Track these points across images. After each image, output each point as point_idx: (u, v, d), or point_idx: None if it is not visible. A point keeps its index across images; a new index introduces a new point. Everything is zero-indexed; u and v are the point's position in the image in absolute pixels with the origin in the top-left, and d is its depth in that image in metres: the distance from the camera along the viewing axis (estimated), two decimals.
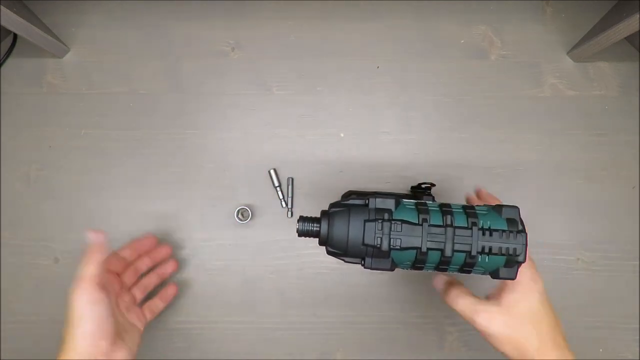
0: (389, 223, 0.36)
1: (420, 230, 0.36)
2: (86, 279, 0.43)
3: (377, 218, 0.36)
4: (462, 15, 0.68)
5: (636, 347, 0.60)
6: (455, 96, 0.66)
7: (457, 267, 0.37)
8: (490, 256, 0.36)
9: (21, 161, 0.64)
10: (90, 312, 0.42)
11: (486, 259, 0.36)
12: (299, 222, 0.39)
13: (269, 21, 0.67)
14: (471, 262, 0.36)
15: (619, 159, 0.64)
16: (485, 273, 0.38)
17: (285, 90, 0.66)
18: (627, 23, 0.55)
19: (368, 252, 0.36)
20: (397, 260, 0.37)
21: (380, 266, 0.37)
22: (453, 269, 0.37)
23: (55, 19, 0.66)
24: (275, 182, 0.62)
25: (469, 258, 0.36)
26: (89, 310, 0.42)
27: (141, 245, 0.57)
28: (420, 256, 0.36)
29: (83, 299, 0.42)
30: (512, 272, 0.37)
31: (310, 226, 0.38)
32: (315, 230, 0.38)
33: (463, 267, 0.37)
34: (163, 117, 0.65)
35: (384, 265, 0.37)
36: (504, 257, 0.36)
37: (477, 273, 0.38)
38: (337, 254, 0.38)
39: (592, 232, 0.63)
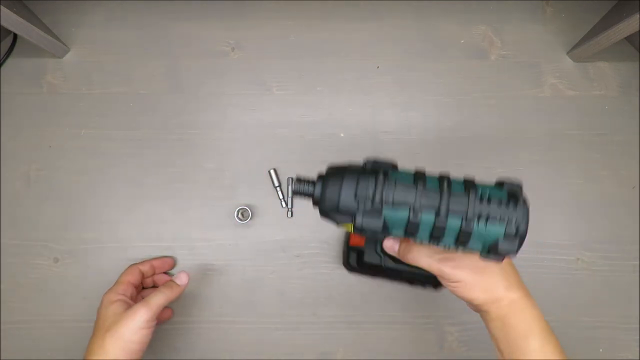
0: (384, 178, 0.35)
1: (415, 190, 0.34)
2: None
3: (372, 173, 0.35)
4: (462, 15, 0.68)
5: (636, 347, 0.60)
6: (455, 96, 0.66)
7: (453, 237, 0.35)
8: (488, 225, 0.34)
9: (21, 161, 0.64)
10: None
11: (484, 228, 0.34)
12: (295, 182, 0.38)
13: (269, 21, 0.67)
14: (467, 231, 0.34)
15: (619, 159, 0.64)
16: (484, 249, 0.35)
17: (285, 90, 0.66)
18: (627, 23, 0.55)
19: (359, 207, 0.34)
20: (390, 222, 0.35)
21: (372, 226, 0.34)
22: (448, 240, 0.35)
23: (55, 19, 0.66)
24: (275, 182, 0.62)
25: (464, 224, 0.34)
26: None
27: (160, 265, 0.59)
28: (414, 218, 0.34)
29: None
30: (512, 244, 0.34)
31: (305, 187, 0.37)
32: (309, 190, 0.37)
33: (459, 237, 0.34)
34: (163, 117, 0.65)
35: (375, 224, 0.34)
36: (503, 226, 0.34)
37: (474, 248, 0.35)
38: (328, 213, 0.36)
39: (592, 232, 0.63)
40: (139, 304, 0.48)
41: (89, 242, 0.62)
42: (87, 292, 0.61)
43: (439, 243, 0.35)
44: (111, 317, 0.48)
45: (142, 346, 0.47)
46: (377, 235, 0.36)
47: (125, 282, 0.53)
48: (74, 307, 0.60)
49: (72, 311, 0.60)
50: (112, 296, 0.51)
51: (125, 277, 0.54)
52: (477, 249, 0.35)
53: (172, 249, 0.62)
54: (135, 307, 0.47)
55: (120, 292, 0.51)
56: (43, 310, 0.60)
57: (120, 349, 0.46)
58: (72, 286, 0.61)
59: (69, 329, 0.59)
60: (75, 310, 0.60)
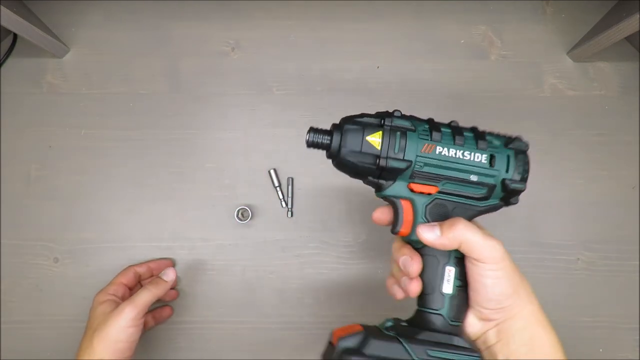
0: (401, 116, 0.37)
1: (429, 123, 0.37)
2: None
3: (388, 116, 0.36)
4: (462, 15, 0.68)
5: (636, 347, 0.60)
6: (455, 96, 0.66)
7: (470, 135, 0.36)
8: (498, 137, 0.37)
9: (21, 161, 0.64)
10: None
11: (494, 139, 0.37)
12: (308, 132, 0.37)
13: (269, 21, 0.67)
14: (480, 132, 0.37)
15: (619, 159, 0.64)
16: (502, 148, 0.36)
17: (285, 90, 0.66)
18: (627, 23, 0.55)
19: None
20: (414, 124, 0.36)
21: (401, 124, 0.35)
22: (468, 137, 0.36)
23: (55, 19, 0.66)
24: (275, 182, 0.62)
25: (475, 130, 0.37)
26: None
27: (157, 267, 0.59)
28: (432, 122, 0.37)
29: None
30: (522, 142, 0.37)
31: (321, 137, 0.37)
32: (326, 142, 0.37)
33: (476, 135, 0.36)
34: (163, 117, 0.65)
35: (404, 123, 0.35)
36: (504, 136, 0.37)
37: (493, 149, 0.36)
38: (351, 156, 0.36)
39: (592, 232, 0.63)
40: (125, 302, 0.48)
41: (89, 242, 0.62)
42: (87, 292, 0.60)
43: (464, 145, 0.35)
44: (99, 317, 0.49)
45: (131, 344, 0.48)
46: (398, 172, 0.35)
47: (117, 282, 0.54)
48: (74, 307, 0.60)
49: (72, 311, 0.60)
50: (102, 297, 0.51)
51: (118, 278, 0.54)
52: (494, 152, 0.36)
53: (172, 249, 0.62)
54: (120, 306, 0.48)
55: (110, 292, 0.52)
56: (43, 310, 0.60)
57: (108, 349, 0.46)
58: (72, 286, 0.61)
59: (69, 329, 0.59)
60: (75, 310, 0.60)
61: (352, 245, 0.62)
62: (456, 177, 0.35)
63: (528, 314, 0.35)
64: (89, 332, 0.48)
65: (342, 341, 0.34)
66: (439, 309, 0.35)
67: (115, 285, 0.53)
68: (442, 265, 0.36)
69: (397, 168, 0.35)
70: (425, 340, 0.34)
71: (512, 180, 0.36)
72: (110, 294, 0.52)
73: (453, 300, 0.35)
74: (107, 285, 0.53)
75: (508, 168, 0.36)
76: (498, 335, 0.35)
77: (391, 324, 0.37)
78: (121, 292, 0.53)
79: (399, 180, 0.36)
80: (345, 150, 0.36)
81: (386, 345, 0.33)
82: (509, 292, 0.34)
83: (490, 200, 0.37)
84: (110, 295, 0.52)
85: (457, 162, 0.35)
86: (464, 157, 0.35)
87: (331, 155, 0.37)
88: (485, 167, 0.35)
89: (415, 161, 0.35)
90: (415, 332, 0.35)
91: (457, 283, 0.35)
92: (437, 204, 0.36)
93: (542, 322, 0.35)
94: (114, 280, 0.54)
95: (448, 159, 0.35)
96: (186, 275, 0.62)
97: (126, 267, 0.57)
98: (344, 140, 0.36)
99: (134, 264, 0.58)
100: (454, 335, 0.35)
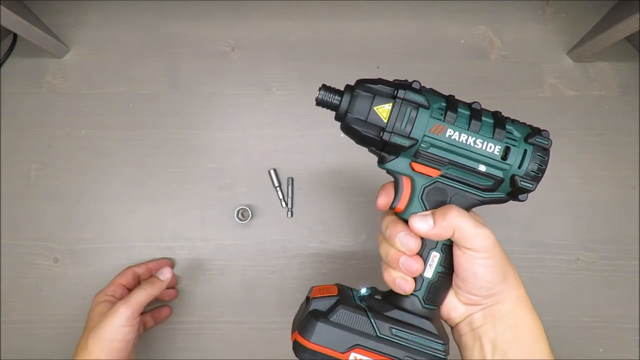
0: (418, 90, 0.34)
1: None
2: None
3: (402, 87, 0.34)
4: (462, 15, 0.68)
5: (636, 347, 0.60)
6: (455, 96, 0.66)
7: (489, 121, 0.34)
8: (515, 122, 0.35)
9: (21, 161, 0.64)
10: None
11: (512, 123, 0.35)
12: (320, 90, 0.35)
13: (269, 21, 0.67)
14: (502, 118, 0.34)
15: (619, 159, 0.64)
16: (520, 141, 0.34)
17: (285, 90, 0.66)
18: (627, 23, 0.55)
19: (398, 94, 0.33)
20: (430, 100, 0.34)
21: (414, 99, 0.33)
22: (486, 123, 0.34)
23: (55, 19, 0.66)
24: (275, 182, 0.62)
25: (497, 116, 0.34)
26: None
27: (156, 267, 0.59)
28: (451, 101, 0.34)
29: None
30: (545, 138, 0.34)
31: (331, 97, 0.35)
32: (335, 103, 0.35)
33: (496, 121, 0.34)
34: (163, 117, 0.65)
35: (418, 98, 0.33)
36: (529, 126, 0.35)
37: (510, 140, 0.33)
38: (356, 123, 0.34)
39: (592, 232, 0.63)
40: (120, 302, 0.48)
41: (89, 242, 0.62)
42: (87, 292, 0.61)
43: (478, 132, 0.33)
44: (95, 318, 0.49)
45: (127, 344, 0.48)
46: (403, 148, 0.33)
47: (116, 283, 0.54)
48: (74, 307, 0.60)
49: (72, 311, 0.60)
50: (100, 297, 0.51)
51: (117, 279, 0.54)
52: (517, 137, 0.34)
53: (172, 249, 0.62)
54: (115, 306, 0.48)
55: (108, 293, 0.52)
56: (43, 310, 0.60)
57: (103, 349, 0.46)
58: (72, 286, 0.61)
59: (69, 329, 0.59)
60: (75, 310, 0.60)
61: (352, 245, 0.62)
62: (462, 164, 0.33)
63: (515, 297, 0.35)
64: (85, 332, 0.48)
65: (314, 302, 0.35)
66: (415, 291, 0.35)
67: (114, 285, 0.53)
68: (427, 249, 0.35)
69: (401, 145, 0.33)
70: (393, 319, 0.34)
71: (522, 177, 0.33)
72: (108, 294, 0.52)
73: (432, 284, 0.35)
74: (106, 286, 0.53)
75: (522, 164, 0.33)
76: (484, 318, 0.35)
77: (366, 294, 0.36)
78: (119, 292, 0.53)
79: (401, 156, 0.35)
80: (351, 117, 0.34)
81: (353, 315, 0.33)
82: (499, 279, 0.34)
83: (496, 193, 0.35)
84: (108, 295, 0.52)
85: (467, 149, 0.33)
86: (475, 145, 0.33)
87: (338, 118, 0.35)
88: (496, 158, 0.33)
89: (421, 140, 0.33)
90: (386, 309, 0.34)
91: (439, 269, 0.35)
92: (437, 188, 0.35)
93: (527, 305, 0.35)
94: (112, 281, 0.54)
95: (457, 144, 0.33)
96: (186, 275, 0.62)
97: (125, 268, 0.57)
98: (352, 104, 0.34)
99: (133, 265, 0.58)
100: (425, 319, 0.34)
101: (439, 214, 0.33)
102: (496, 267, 0.33)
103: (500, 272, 0.34)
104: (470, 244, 0.33)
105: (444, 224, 0.33)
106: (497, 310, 0.35)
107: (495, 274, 0.33)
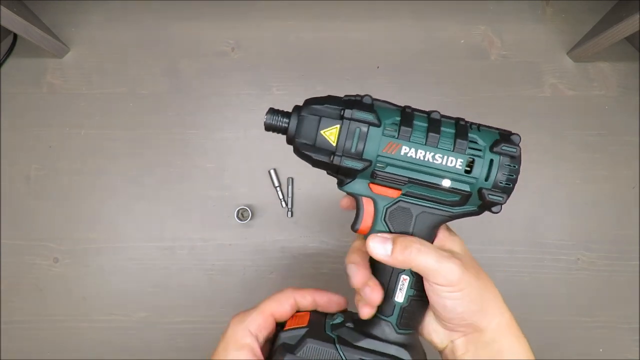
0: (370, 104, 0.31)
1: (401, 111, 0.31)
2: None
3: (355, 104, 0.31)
4: (462, 15, 0.68)
5: (636, 347, 0.60)
6: (455, 96, 0.66)
7: (450, 131, 0.31)
8: (481, 129, 0.31)
9: (21, 161, 0.64)
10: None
11: (477, 130, 0.31)
12: (267, 114, 0.33)
13: (269, 21, 0.67)
14: (464, 127, 0.31)
15: (619, 159, 0.64)
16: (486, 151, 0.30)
17: (285, 90, 0.66)
18: (627, 23, 0.55)
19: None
20: (382, 116, 0.30)
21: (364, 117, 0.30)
22: (446, 134, 0.30)
23: (55, 19, 0.66)
24: (275, 182, 0.62)
25: (459, 124, 0.31)
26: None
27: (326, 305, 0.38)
28: (406, 113, 0.31)
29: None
30: (513, 145, 0.30)
31: (278, 120, 0.33)
32: (283, 126, 0.33)
33: (457, 131, 0.31)
34: (163, 117, 0.65)
35: (367, 117, 0.30)
36: (497, 131, 0.31)
37: (474, 151, 0.30)
38: (305, 148, 0.32)
39: (592, 232, 0.63)
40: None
41: (89, 242, 0.62)
42: (87, 292, 0.61)
43: (437, 146, 0.30)
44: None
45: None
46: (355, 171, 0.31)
47: (266, 313, 0.35)
48: (74, 307, 0.60)
49: (72, 311, 0.60)
50: (240, 335, 0.34)
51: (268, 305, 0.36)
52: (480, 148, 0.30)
53: (172, 249, 0.62)
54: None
55: (253, 330, 0.34)
56: (43, 310, 0.60)
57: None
58: (72, 286, 0.61)
59: (69, 329, 0.59)
60: (75, 310, 0.60)
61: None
62: (424, 181, 0.30)
63: (496, 326, 0.32)
64: None
65: (283, 335, 0.33)
66: (387, 317, 0.32)
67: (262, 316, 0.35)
68: (396, 272, 0.32)
69: (353, 168, 0.31)
70: (364, 349, 0.32)
71: (491, 190, 0.30)
72: (253, 334, 0.34)
73: (404, 309, 0.32)
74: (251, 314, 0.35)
75: (489, 175, 0.30)
76: (466, 346, 0.33)
77: (339, 321, 0.34)
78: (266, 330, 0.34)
79: (359, 178, 0.32)
80: (299, 142, 0.31)
81: (321, 348, 0.32)
82: (473, 310, 0.31)
83: (466, 207, 0.32)
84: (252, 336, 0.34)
85: (426, 165, 0.30)
86: (434, 161, 0.30)
87: (289, 142, 0.33)
88: (460, 172, 0.30)
89: (375, 161, 0.30)
90: (357, 338, 0.32)
91: (411, 292, 0.32)
92: (400, 208, 0.32)
93: (512, 333, 0.32)
94: (261, 307, 0.35)
95: (415, 162, 0.30)
96: (186, 275, 0.62)
97: (284, 290, 0.37)
98: (298, 129, 0.31)
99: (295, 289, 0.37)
100: (400, 346, 0.32)
101: (399, 245, 0.31)
102: (467, 298, 0.31)
103: (474, 302, 0.31)
104: (434, 279, 0.30)
105: (400, 257, 0.30)
106: (478, 339, 0.32)
107: (466, 305, 0.31)
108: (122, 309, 0.61)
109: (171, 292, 0.61)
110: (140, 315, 0.60)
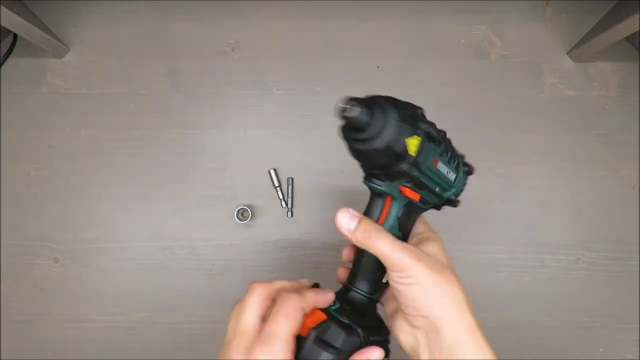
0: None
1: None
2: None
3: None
4: (462, 15, 0.68)
5: (636, 347, 0.60)
6: (455, 96, 0.66)
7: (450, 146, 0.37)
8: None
9: (21, 161, 0.64)
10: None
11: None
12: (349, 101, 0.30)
13: (269, 21, 0.67)
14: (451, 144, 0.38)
15: (619, 159, 0.64)
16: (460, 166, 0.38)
17: (285, 90, 0.66)
18: (627, 23, 0.55)
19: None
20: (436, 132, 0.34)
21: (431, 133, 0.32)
22: (452, 155, 0.37)
23: (55, 19, 0.66)
24: (275, 182, 0.62)
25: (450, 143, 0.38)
26: None
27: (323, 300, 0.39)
28: (438, 130, 0.35)
29: None
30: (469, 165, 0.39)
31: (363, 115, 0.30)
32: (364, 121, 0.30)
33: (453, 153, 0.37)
34: (163, 117, 0.65)
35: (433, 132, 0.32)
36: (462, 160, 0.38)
37: (461, 167, 0.38)
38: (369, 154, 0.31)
39: (592, 232, 0.63)
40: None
41: (89, 242, 0.62)
42: (87, 292, 0.61)
43: (449, 163, 0.36)
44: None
45: None
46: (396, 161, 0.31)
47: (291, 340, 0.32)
48: (74, 307, 0.60)
49: (72, 311, 0.60)
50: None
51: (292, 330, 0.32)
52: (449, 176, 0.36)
53: (172, 249, 0.62)
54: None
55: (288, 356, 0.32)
56: (43, 310, 0.60)
57: None
58: (72, 286, 0.61)
59: (69, 329, 0.59)
60: (75, 310, 0.60)
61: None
62: (433, 189, 0.35)
63: (455, 329, 0.32)
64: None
65: (314, 331, 0.33)
66: (371, 294, 0.38)
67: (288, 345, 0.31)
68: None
69: (415, 176, 0.32)
70: (369, 327, 0.35)
71: (455, 196, 0.38)
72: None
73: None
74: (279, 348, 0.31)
75: (458, 187, 0.37)
76: (426, 347, 0.33)
77: (338, 306, 0.36)
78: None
79: (396, 179, 0.34)
80: (381, 143, 0.30)
81: (348, 337, 0.33)
82: (427, 302, 0.32)
83: (432, 206, 0.38)
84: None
85: (441, 177, 0.35)
86: (447, 175, 0.36)
87: (356, 139, 0.31)
88: (449, 183, 0.36)
89: (425, 171, 0.33)
90: (363, 320, 0.35)
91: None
92: (410, 209, 0.36)
93: (471, 340, 0.32)
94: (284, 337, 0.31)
95: (440, 174, 0.35)
96: (186, 275, 0.62)
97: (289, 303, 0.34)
98: (384, 131, 0.30)
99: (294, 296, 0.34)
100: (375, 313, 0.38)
101: (362, 226, 0.33)
102: (419, 287, 0.32)
103: (427, 294, 0.32)
104: (386, 263, 0.32)
105: (359, 237, 0.33)
106: (437, 340, 0.32)
107: (417, 293, 0.32)
108: (122, 309, 0.61)
109: (171, 292, 0.61)
110: (140, 315, 0.60)
